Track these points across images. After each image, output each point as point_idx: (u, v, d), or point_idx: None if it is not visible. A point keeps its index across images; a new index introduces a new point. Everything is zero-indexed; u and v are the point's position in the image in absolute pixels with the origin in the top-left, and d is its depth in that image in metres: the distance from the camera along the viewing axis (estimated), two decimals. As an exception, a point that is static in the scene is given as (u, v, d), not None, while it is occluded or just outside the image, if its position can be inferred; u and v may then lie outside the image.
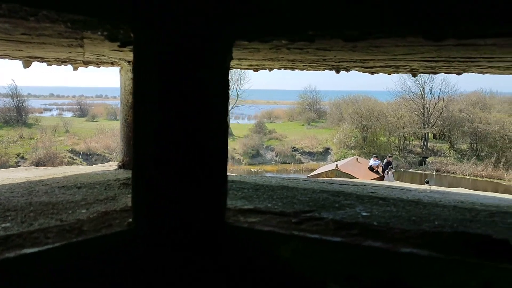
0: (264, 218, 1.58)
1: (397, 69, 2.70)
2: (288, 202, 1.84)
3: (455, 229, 1.47)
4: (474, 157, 43.77)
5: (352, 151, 46.64)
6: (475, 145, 45.41)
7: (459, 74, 2.66)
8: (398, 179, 36.70)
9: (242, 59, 2.32)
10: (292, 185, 2.20)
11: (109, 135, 47.09)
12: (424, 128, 47.76)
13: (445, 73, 2.71)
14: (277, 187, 2.12)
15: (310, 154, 50.46)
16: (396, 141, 48.86)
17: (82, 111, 75.24)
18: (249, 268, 1.46)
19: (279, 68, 3.19)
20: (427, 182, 30.69)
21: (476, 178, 40.99)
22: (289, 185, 2.19)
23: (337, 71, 2.87)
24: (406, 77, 50.50)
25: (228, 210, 1.67)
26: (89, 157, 43.50)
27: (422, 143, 48.14)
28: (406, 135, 48.59)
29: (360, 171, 29.55)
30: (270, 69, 3.04)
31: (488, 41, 1.48)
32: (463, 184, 38.56)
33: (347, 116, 51.02)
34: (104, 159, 40.46)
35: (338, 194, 2.00)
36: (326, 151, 50.59)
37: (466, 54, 1.94)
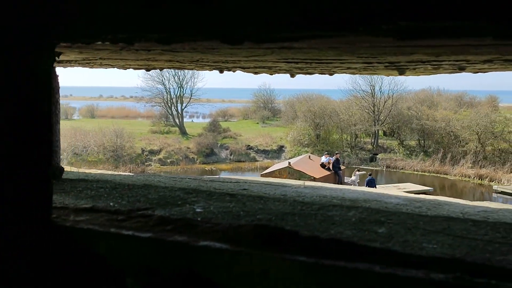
0: (93, 216, 1.62)
1: (269, 70, 2.79)
2: (134, 200, 1.89)
3: (264, 222, 1.55)
4: (422, 153, 45.12)
5: (306, 149, 47.21)
6: (422, 141, 46.82)
7: (331, 74, 2.78)
8: (350, 175, 37.46)
9: (107, 58, 2.34)
10: (155, 183, 2.25)
11: None
12: (375, 125, 48.87)
13: (319, 73, 2.82)
14: (138, 186, 2.16)
15: (264, 152, 50.77)
16: (348, 138, 49.82)
17: None
18: (71, 264, 1.50)
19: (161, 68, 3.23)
20: (370, 175, 31.51)
21: (424, 173, 42.24)
22: (152, 184, 2.24)
23: (221, 71, 2.94)
24: (357, 75, 51.51)
25: (63, 209, 1.70)
26: None
27: (372, 140, 49.25)
28: (357, 133, 49.60)
29: (312, 168, 29.95)
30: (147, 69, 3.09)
31: (299, 45, 1.57)
32: (412, 179, 39.71)
33: (300, 114, 51.60)
34: None
35: (192, 191, 2.06)
36: (280, 149, 51.02)
37: (310, 57, 2.03)
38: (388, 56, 1.81)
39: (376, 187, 30.15)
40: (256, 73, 2.93)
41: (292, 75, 2.81)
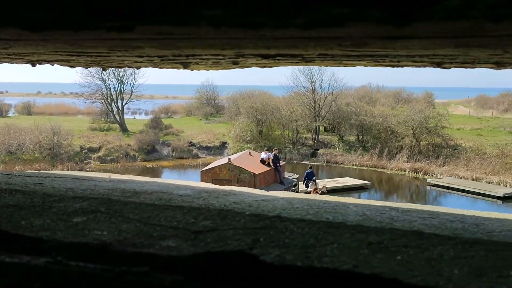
0: None
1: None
2: None
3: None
4: (361, 148, 46.31)
5: (248, 145, 47.35)
6: (361, 136, 48.05)
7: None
8: (292, 171, 37.96)
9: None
10: None
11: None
12: (315, 121, 49.69)
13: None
14: None
15: (207, 148, 50.56)
16: (290, 134, 50.40)
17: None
18: None
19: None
20: (311, 168, 32.03)
21: (363, 167, 43.35)
22: None
23: (104, 69, 2.85)
24: (297, 72, 52.24)
25: None
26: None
27: (313, 136, 50.07)
28: (298, 128, 50.26)
29: (252, 164, 30.03)
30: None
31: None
32: (351, 174, 40.68)
33: (243, 111, 51.72)
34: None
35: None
36: (223, 145, 50.97)
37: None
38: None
39: (315, 180, 30.84)
40: (139, 67, 2.85)
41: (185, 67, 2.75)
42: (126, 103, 58.85)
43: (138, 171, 44.65)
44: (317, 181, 31.65)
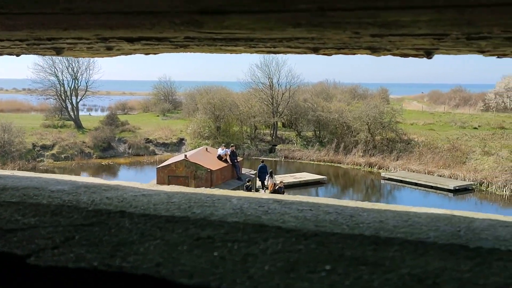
0: None
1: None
2: None
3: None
4: (318, 143, 46.86)
5: (206, 141, 47.16)
6: (318, 132, 48.60)
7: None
8: (251, 167, 38.01)
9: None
10: None
11: None
12: (273, 117, 49.93)
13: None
14: None
15: (164, 145, 50.08)
16: (248, 130, 50.46)
17: None
18: None
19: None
20: (263, 162, 32.19)
21: (320, 163, 43.88)
22: None
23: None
24: (255, 68, 52.32)
25: None
26: None
27: (272, 132, 50.32)
28: (257, 124, 50.38)
29: (209, 161, 29.92)
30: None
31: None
32: (308, 169, 41.11)
33: (201, 107, 51.42)
34: None
35: None
36: (181, 141, 50.59)
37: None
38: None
39: (272, 174, 31.07)
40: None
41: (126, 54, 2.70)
42: (80, 99, 57.50)
43: (93, 169, 43.79)
44: (274, 176, 31.89)
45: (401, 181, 35.81)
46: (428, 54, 1.46)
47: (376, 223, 1.29)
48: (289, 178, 35.56)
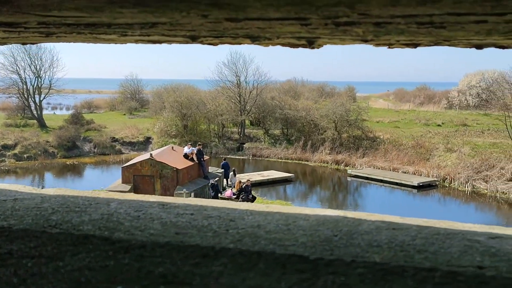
0: None
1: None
2: None
3: None
4: (285, 141, 46.99)
5: (173, 140, 46.78)
6: (286, 130, 48.73)
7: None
8: (218, 165, 37.78)
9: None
10: None
11: None
12: (241, 115, 49.82)
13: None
14: None
15: (130, 144, 49.41)
16: (216, 129, 50.24)
17: None
18: None
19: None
20: (225, 159, 32.04)
21: (288, 160, 44.04)
22: None
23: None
24: (222, 66, 52.07)
25: None
26: None
27: (239, 130, 50.21)
28: (224, 123, 50.20)
29: (175, 159, 29.61)
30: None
31: None
32: (276, 167, 41.18)
33: (168, 105, 50.93)
34: None
35: None
36: (147, 140, 50.03)
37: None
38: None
39: (234, 171, 31.09)
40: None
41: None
42: (44, 98, 56.19)
43: (57, 169, 42.85)
44: (238, 174, 31.93)
45: (366, 178, 36.20)
46: (310, 44, 1.38)
47: (252, 228, 1.21)
48: (257, 176, 35.57)
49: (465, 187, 33.69)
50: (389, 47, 1.36)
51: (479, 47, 1.59)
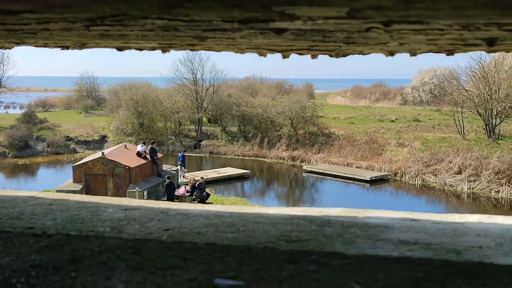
0: None
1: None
2: None
3: None
4: (242, 138, 47.12)
5: (129, 138, 46.24)
6: (243, 127, 48.85)
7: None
8: (175, 163, 37.57)
9: None
10: None
11: None
12: (198, 112, 49.66)
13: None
14: None
15: (85, 143, 48.56)
16: (172, 126, 49.92)
17: None
18: None
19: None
20: (184, 151, 31.95)
21: (245, 157, 44.17)
22: None
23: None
24: (178, 63, 51.73)
25: None
26: None
27: (196, 127, 50.03)
28: (181, 120, 49.92)
29: (127, 158, 29.29)
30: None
31: None
32: (233, 164, 41.20)
33: (123, 103, 50.28)
34: None
35: None
36: (103, 139, 49.29)
37: None
38: None
39: (184, 163, 31.22)
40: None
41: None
42: (-6, 97, 54.62)
43: (8, 169, 41.71)
44: (195, 172, 31.95)
45: (322, 174, 36.72)
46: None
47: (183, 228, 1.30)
48: (213, 173, 35.57)
49: (415, 180, 34.61)
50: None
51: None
